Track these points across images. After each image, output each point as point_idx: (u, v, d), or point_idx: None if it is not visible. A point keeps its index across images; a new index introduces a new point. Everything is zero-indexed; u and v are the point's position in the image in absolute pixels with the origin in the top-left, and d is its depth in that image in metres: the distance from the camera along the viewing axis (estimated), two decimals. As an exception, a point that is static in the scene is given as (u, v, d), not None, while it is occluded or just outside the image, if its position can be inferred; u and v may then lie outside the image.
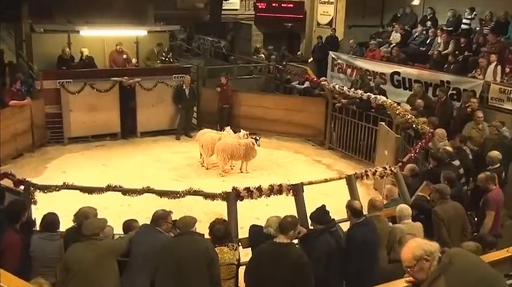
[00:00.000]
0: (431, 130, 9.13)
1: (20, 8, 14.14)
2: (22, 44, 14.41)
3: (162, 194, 6.56)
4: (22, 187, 6.80)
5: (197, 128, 13.90)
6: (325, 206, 5.73)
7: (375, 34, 17.10)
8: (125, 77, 13.12)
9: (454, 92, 11.94)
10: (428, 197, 6.81)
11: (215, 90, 13.85)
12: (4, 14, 13.67)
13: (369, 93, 11.52)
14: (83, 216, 5.71)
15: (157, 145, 13.23)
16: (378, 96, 11.29)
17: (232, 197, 6.42)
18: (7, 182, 6.96)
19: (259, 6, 20.11)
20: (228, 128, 11.87)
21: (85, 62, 13.89)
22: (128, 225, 6.11)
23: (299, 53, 19.37)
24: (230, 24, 22.77)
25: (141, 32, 15.29)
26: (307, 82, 14.45)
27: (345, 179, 7.03)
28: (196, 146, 11.73)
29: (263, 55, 18.01)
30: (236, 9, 20.48)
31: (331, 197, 7.93)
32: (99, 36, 14.68)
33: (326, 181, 7.10)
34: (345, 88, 12.36)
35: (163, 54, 14.92)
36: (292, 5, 20.17)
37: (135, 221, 6.16)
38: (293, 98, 14.21)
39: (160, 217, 5.56)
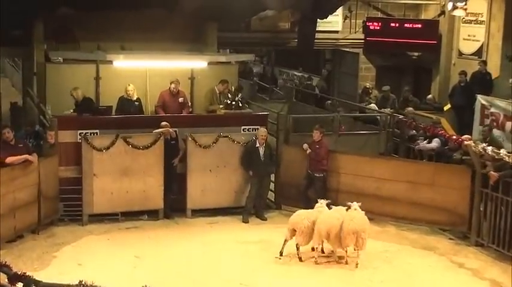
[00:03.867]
0: None
1: (30, 28, 14.73)
2: (32, 78, 14.98)
3: (221, 306, 6.43)
4: (20, 285, 6.81)
5: (274, 207, 14.32)
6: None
7: (553, 69, 16.81)
8: (163, 123, 13.43)
9: None
10: None
11: (303, 151, 13.91)
12: (8, 34, 14.36)
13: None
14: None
15: (216, 230, 13.35)
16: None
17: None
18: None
19: (371, 27, 20.39)
20: (323, 202, 11.94)
21: (134, 106, 14.49)
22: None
23: (430, 96, 19.33)
24: (327, 53, 23.17)
25: (198, 64, 15.63)
26: (438, 140, 14.39)
27: (503, 296, 6.72)
28: (275, 233, 11.80)
29: (376, 100, 18.15)
30: (337, 32, 20.86)
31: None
32: (140, 69, 15.17)
33: (473, 296, 6.80)
34: (503, 151, 12.01)
35: (229, 96, 15.01)
36: (420, 25, 20.35)
37: None
38: (420, 165, 14.02)
39: None
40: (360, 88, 20.12)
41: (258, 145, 13.80)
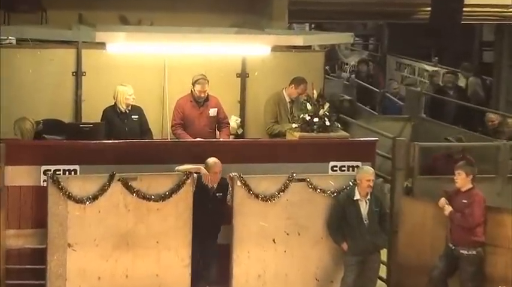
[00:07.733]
0: None
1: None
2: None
3: None
4: None
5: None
6: None
7: None
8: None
9: None
10: None
11: (439, 208, 12.88)
12: None
13: None
14: None
15: None
16: None
17: None
18: None
19: None
20: None
21: (130, 122, 14.12)
22: None
23: None
24: (486, 32, 24.24)
25: (256, 50, 14.89)
26: None
27: None
28: None
29: None
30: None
31: None
32: (154, 58, 14.70)
33: None
34: None
35: (308, 107, 13.97)
36: None
37: None
38: None
39: None
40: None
41: (358, 196, 12.77)
